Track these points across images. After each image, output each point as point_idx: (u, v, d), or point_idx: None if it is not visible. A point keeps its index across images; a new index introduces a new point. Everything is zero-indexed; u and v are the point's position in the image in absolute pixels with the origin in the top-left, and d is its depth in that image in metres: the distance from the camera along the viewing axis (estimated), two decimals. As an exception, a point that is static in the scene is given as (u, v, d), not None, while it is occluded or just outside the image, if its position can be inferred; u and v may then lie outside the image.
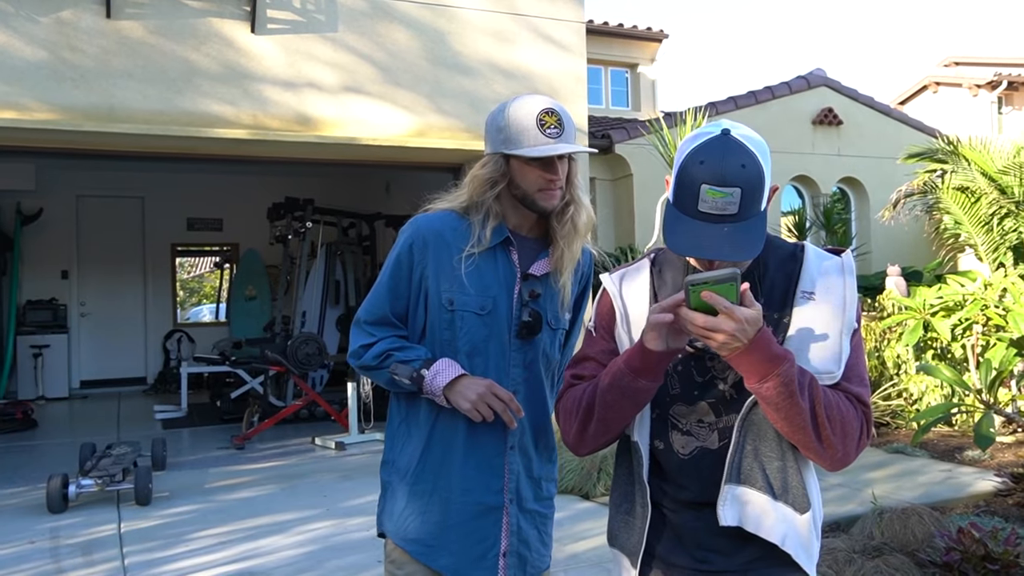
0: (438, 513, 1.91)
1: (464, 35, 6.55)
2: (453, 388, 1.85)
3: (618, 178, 9.59)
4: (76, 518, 4.77)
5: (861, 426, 1.42)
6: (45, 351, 10.07)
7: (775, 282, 1.49)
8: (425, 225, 1.94)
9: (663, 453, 1.52)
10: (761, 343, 1.31)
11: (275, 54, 5.94)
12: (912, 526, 3.91)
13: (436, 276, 1.91)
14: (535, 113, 1.86)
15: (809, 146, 10.43)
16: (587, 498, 5.01)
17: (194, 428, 7.99)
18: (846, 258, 1.51)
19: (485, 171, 1.92)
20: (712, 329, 1.29)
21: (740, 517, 1.44)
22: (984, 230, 9.05)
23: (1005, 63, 16.19)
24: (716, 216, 1.35)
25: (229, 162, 7.88)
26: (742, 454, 1.44)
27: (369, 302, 1.97)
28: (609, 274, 1.63)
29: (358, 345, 1.95)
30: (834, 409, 1.37)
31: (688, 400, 1.49)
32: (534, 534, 2.00)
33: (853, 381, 1.44)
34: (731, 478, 1.44)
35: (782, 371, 1.32)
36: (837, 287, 1.46)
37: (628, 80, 12.81)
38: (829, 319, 1.44)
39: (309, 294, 9.33)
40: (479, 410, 1.83)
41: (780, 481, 1.44)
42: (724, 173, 1.33)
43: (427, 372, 1.85)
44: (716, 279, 1.28)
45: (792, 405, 1.34)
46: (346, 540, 4.31)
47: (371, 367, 1.93)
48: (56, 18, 5.41)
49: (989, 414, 4.12)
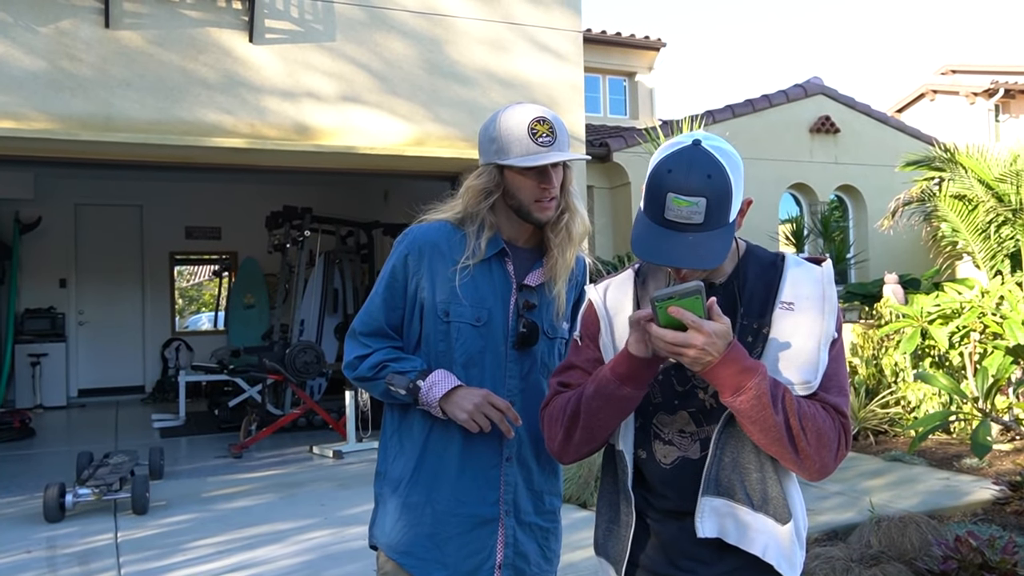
0: (431, 525, 1.89)
1: (461, 44, 6.58)
2: (449, 400, 1.84)
3: (616, 186, 9.61)
4: (73, 527, 4.76)
5: (839, 436, 1.42)
6: (43, 360, 10.06)
7: (755, 292, 1.49)
8: (420, 236, 1.93)
9: (646, 463, 1.52)
10: (732, 356, 1.32)
11: (273, 63, 5.97)
12: (910, 534, 3.91)
13: (432, 287, 1.89)
14: (526, 122, 1.85)
15: (807, 154, 10.46)
16: (584, 507, 5.01)
17: (192, 437, 7.98)
18: (826, 267, 1.51)
19: (479, 182, 1.91)
20: (682, 345, 1.29)
21: (719, 529, 1.45)
22: (981, 238, 9.07)
23: (1002, 71, 16.23)
24: (681, 224, 1.37)
25: (227, 171, 7.91)
26: (720, 466, 1.44)
27: (364, 313, 1.95)
28: (594, 285, 1.64)
29: (353, 356, 1.93)
30: (809, 420, 1.37)
31: (669, 409, 1.50)
32: (534, 548, 1.97)
33: (831, 391, 1.44)
34: (708, 490, 1.45)
35: (754, 383, 1.33)
36: (816, 297, 1.47)
37: (626, 88, 12.85)
38: (808, 329, 1.44)
39: (307, 302, 9.33)
40: (476, 420, 1.82)
41: (760, 492, 1.44)
42: (690, 183, 1.35)
43: (423, 383, 1.84)
44: (681, 293, 1.28)
45: (766, 417, 1.34)
46: (344, 549, 4.30)
47: (366, 378, 1.92)
48: (55, 28, 5.44)
49: (986, 422, 4.13)
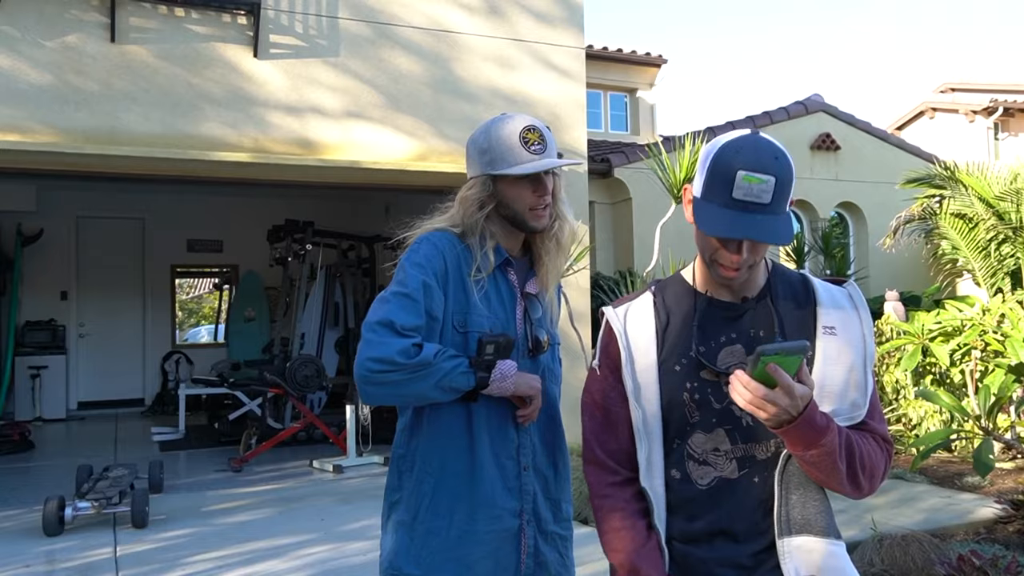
0: (456, 548, 1.84)
1: (465, 61, 6.62)
2: (519, 373, 1.85)
3: (617, 202, 9.64)
4: (72, 541, 4.74)
5: (885, 464, 1.48)
6: (43, 372, 10.05)
7: (791, 313, 1.50)
8: (439, 243, 1.88)
9: (680, 483, 1.51)
10: (809, 417, 1.33)
11: (277, 78, 6.00)
12: (912, 553, 3.90)
13: (452, 296, 1.86)
14: (518, 131, 1.86)
15: (807, 171, 10.49)
16: (586, 523, 4.98)
17: (192, 450, 7.96)
18: (855, 291, 1.54)
19: (473, 192, 1.90)
20: (767, 402, 1.29)
21: (808, 565, 1.45)
22: (982, 255, 9.09)
23: (1001, 89, 16.31)
24: (750, 204, 1.37)
25: (230, 184, 7.92)
26: (789, 505, 1.46)
27: (401, 305, 1.76)
28: (613, 307, 1.61)
29: (408, 344, 1.70)
30: (867, 458, 1.43)
31: (706, 428, 1.49)
32: (555, 557, 1.95)
33: (876, 418, 1.49)
34: (784, 531, 1.45)
35: (827, 441, 1.35)
36: (854, 321, 1.50)
37: (627, 104, 12.91)
38: (852, 354, 1.47)
39: (308, 316, 9.34)
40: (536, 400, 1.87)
41: (825, 520, 1.47)
42: (760, 161, 1.36)
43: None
44: (787, 350, 1.28)
45: (832, 465, 1.38)
46: (344, 564, 4.28)
47: (425, 364, 1.71)
48: (61, 42, 5.47)
49: (988, 440, 4.11)
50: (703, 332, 1.50)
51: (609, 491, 1.54)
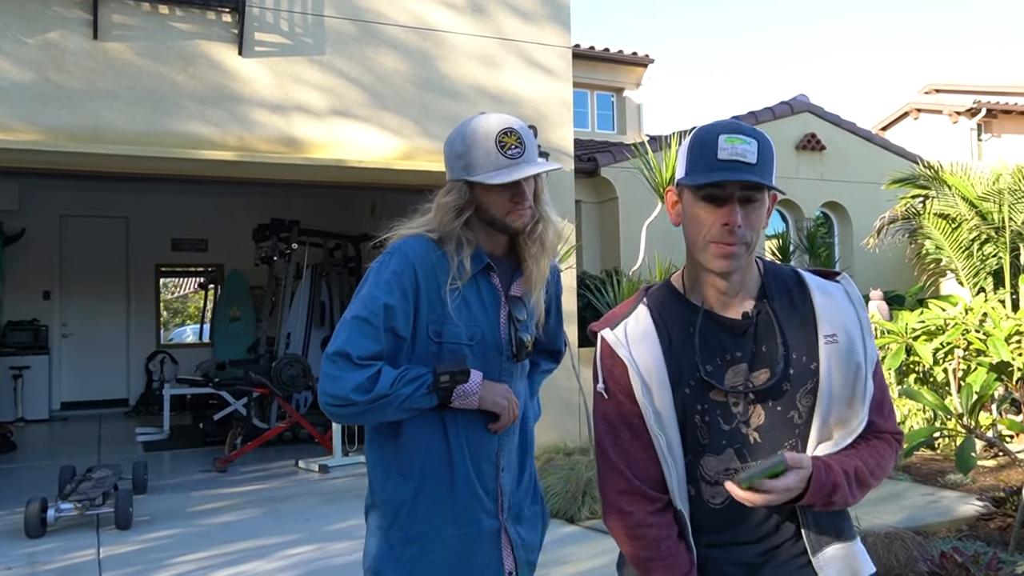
0: (440, 553, 1.83)
1: (451, 59, 6.61)
2: (485, 387, 1.83)
3: (603, 201, 9.65)
4: (55, 543, 4.70)
5: (892, 459, 1.53)
6: (26, 372, 9.96)
7: (791, 322, 1.49)
8: (412, 252, 1.83)
9: (693, 500, 1.50)
10: (814, 490, 1.39)
11: (262, 76, 5.96)
12: (895, 550, 3.92)
13: (427, 306, 1.82)
14: (493, 135, 1.79)
15: (792, 171, 10.54)
16: (572, 522, 4.99)
17: (176, 451, 7.91)
18: (850, 286, 1.53)
19: (450, 199, 1.85)
20: (770, 499, 1.37)
21: (842, 571, 1.49)
22: (965, 255, 9.17)
23: (984, 91, 16.45)
24: (736, 163, 1.37)
25: (215, 183, 7.87)
26: (811, 523, 1.49)
27: (355, 335, 1.75)
28: (611, 330, 1.53)
29: (364, 379, 1.70)
30: (876, 469, 1.48)
31: (716, 450, 1.48)
32: (535, 531, 2.00)
33: (884, 414, 1.52)
34: (816, 548, 1.49)
35: (839, 496, 1.42)
36: (853, 323, 1.49)
37: (614, 104, 12.93)
38: (853, 359, 1.47)
39: (294, 315, 9.30)
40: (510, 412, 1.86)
41: (846, 524, 1.54)
42: (740, 127, 1.40)
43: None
44: (766, 469, 1.35)
45: (846, 501, 1.45)
46: (329, 565, 4.27)
47: (382, 396, 1.72)
48: (43, 39, 5.42)
49: (970, 438, 4.14)
50: (707, 350, 1.47)
51: (652, 520, 1.48)
